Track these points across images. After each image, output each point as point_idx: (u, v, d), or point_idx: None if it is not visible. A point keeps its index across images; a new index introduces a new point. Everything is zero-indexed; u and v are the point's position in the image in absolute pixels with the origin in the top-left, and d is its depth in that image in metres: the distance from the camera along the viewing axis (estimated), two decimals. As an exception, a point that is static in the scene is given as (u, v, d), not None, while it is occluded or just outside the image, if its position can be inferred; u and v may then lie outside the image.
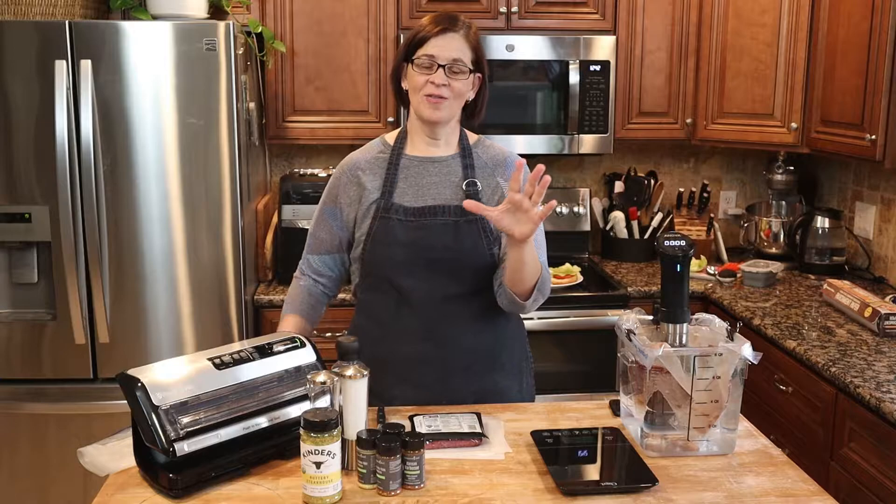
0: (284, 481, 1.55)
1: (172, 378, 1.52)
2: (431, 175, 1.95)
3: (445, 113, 1.91)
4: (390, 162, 1.96)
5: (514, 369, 2.04)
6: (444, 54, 1.87)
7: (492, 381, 1.98)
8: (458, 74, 1.88)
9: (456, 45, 1.88)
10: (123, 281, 2.78)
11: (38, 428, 2.84)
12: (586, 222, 3.63)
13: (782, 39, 3.14)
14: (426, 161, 1.96)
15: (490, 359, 1.98)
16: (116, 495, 1.51)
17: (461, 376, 1.95)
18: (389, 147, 1.99)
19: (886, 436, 2.00)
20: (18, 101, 2.68)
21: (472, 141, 2.02)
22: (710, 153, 3.77)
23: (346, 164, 2.01)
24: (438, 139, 1.97)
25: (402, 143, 1.99)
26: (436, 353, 1.92)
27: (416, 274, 1.90)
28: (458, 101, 1.92)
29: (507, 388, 2.02)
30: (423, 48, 1.88)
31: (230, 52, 2.71)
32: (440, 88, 1.87)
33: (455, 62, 1.87)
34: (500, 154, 2.01)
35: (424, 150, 1.97)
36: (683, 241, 1.65)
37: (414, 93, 1.91)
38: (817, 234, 3.26)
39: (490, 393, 1.97)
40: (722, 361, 1.61)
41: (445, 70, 1.87)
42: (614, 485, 1.53)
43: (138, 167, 2.74)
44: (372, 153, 2.00)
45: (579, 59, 3.23)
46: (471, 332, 1.94)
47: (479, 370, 1.96)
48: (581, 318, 3.04)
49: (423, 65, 1.87)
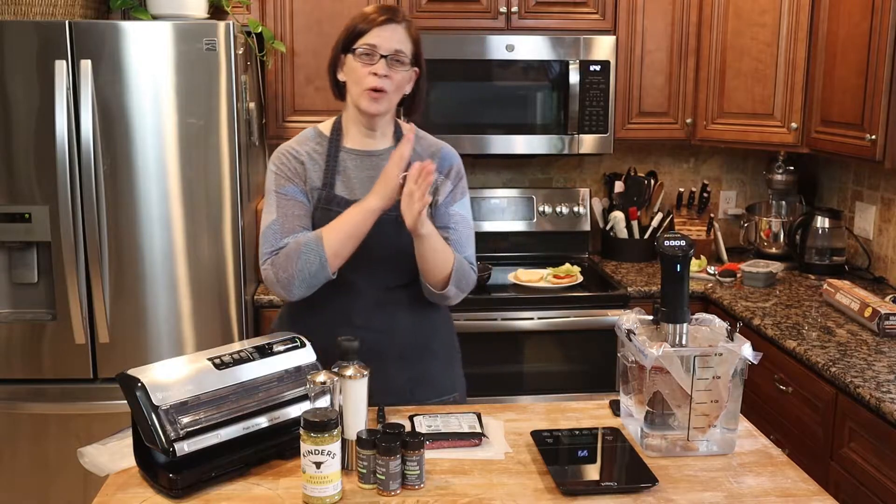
0: (284, 481, 1.55)
1: (172, 378, 1.52)
2: (370, 169, 1.96)
3: (384, 106, 1.91)
4: (329, 154, 1.96)
5: (445, 358, 2.09)
6: (387, 44, 1.86)
7: (425, 368, 2.02)
8: (399, 66, 1.88)
9: (398, 36, 1.88)
10: (123, 281, 2.79)
11: (38, 428, 2.84)
12: (586, 222, 3.63)
13: (782, 39, 3.14)
14: (363, 154, 1.98)
15: (423, 347, 2.02)
16: (116, 495, 1.51)
17: (396, 364, 1.97)
18: (326, 138, 1.98)
19: (886, 436, 2.00)
20: (18, 101, 2.68)
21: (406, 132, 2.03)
22: (710, 153, 3.77)
23: (286, 150, 1.97)
24: (375, 131, 1.98)
25: (339, 134, 1.99)
26: (373, 341, 1.90)
27: (355, 266, 1.90)
28: (397, 94, 1.93)
29: (439, 376, 2.06)
30: (364, 38, 1.87)
31: (230, 52, 2.71)
32: (382, 80, 1.86)
33: (397, 53, 1.87)
34: (434, 145, 2.04)
35: (361, 142, 1.98)
36: (683, 241, 1.65)
37: (354, 84, 1.90)
38: (817, 234, 3.25)
39: (424, 380, 2.02)
40: (722, 361, 1.61)
41: (387, 60, 1.86)
42: (614, 485, 1.53)
43: (138, 167, 2.74)
44: (309, 144, 1.98)
45: (579, 59, 3.23)
46: (406, 321, 1.98)
47: (413, 358, 2.00)
48: (581, 318, 3.04)
49: (364, 54, 1.86)
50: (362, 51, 1.87)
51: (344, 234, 1.83)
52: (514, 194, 3.60)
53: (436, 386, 2.03)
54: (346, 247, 1.84)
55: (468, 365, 2.18)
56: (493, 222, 3.59)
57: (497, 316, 3.01)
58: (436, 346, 2.05)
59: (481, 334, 2.99)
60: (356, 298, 1.95)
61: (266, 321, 3.02)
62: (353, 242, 1.84)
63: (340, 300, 1.95)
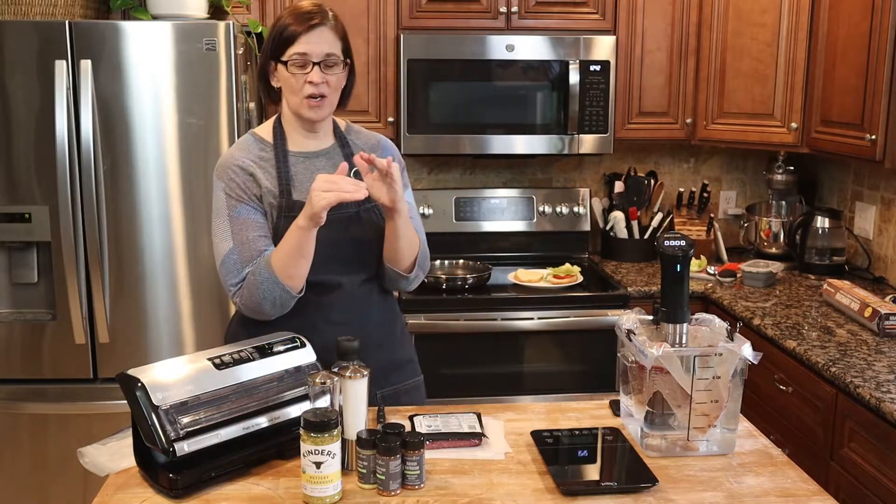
0: (284, 481, 1.55)
1: (172, 378, 1.52)
2: (320, 169, 1.95)
3: (327, 111, 1.92)
4: (277, 160, 1.93)
5: (407, 342, 2.14)
6: (317, 50, 1.84)
7: (396, 355, 2.06)
8: (333, 68, 1.87)
9: (326, 38, 1.86)
10: (123, 281, 2.79)
11: (38, 428, 2.84)
12: (586, 222, 3.63)
13: (782, 39, 3.14)
14: (311, 156, 1.97)
15: (392, 334, 2.06)
16: (116, 495, 1.51)
17: (374, 354, 1.92)
18: (269, 144, 1.96)
19: (886, 436, 2.00)
20: (18, 101, 2.69)
21: (343, 127, 2.05)
22: (710, 153, 3.77)
23: (229, 164, 1.92)
24: (318, 132, 1.98)
25: (282, 139, 1.96)
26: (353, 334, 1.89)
27: (327, 267, 1.90)
28: (336, 95, 1.92)
29: (409, 359, 2.11)
30: (293, 47, 1.85)
31: (230, 52, 2.71)
32: (320, 87, 1.85)
33: (328, 56, 1.86)
34: (372, 138, 2.06)
35: (304, 143, 1.97)
36: (683, 241, 1.65)
37: (292, 94, 1.89)
38: (817, 234, 3.25)
39: (396, 366, 2.05)
40: (722, 361, 1.61)
41: (321, 67, 1.85)
42: (614, 485, 1.53)
43: (138, 167, 2.74)
44: (253, 152, 1.94)
45: (579, 59, 3.23)
46: (376, 311, 2.01)
47: (386, 346, 2.02)
48: (581, 318, 3.04)
49: (296, 64, 1.85)
50: (294, 61, 1.85)
51: (287, 256, 1.81)
52: (514, 194, 3.60)
53: (405, 370, 2.08)
54: (297, 266, 1.82)
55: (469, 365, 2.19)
56: (493, 222, 3.59)
57: (497, 316, 3.01)
58: (398, 333, 2.09)
59: (481, 334, 2.99)
60: (335, 296, 1.94)
61: (266, 321, 3.01)
62: (301, 261, 1.82)
63: (319, 300, 1.94)
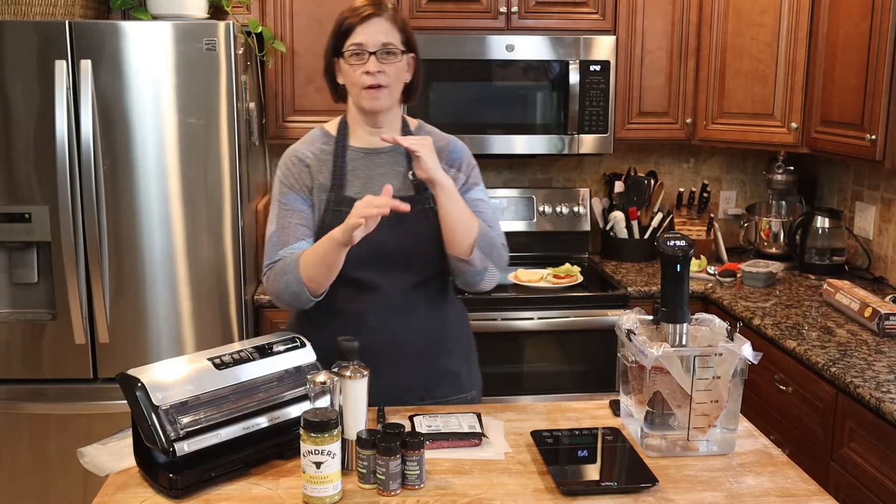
0: (284, 481, 1.55)
1: (172, 378, 1.52)
2: (378, 167, 1.95)
3: (386, 101, 1.90)
4: (336, 154, 1.94)
5: (461, 355, 2.07)
6: (373, 40, 1.85)
7: (441, 366, 2.01)
8: (391, 57, 1.87)
9: (383, 28, 1.86)
10: (123, 281, 2.79)
11: (38, 428, 2.84)
12: (586, 222, 3.63)
13: (782, 39, 3.14)
14: (371, 153, 1.96)
15: (438, 345, 2.00)
16: (116, 495, 1.51)
17: (412, 363, 1.95)
18: (332, 138, 1.97)
19: (886, 436, 2.00)
20: (18, 101, 2.68)
21: (412, 127, 2.03)
22: (710, 153, 3.77)
23: (290, 154, 1.96)
24: (381, 128, 1.96)
25: (345, 133, 1.97)
26: (389, 341, 1.92)
27: (369, 266, 1.89)
28: (396, 86, 1.91)
29: (455, 374, 2.04)
30: (350, 38, 1.86)
31: (230, 52, 2.71)
32: (376, 76, 1.85)
33: (385, 46, 1.86)
34: (442, 139, 2.02)
35: (367, 140, 1.96)
36: (683, 241, 1.65)
37: (352, 86, 1.90)
38: (817, 234, 3.25)
39: (439, 378, 2.00)
40: (722, 361, 1.61)
41: (377, 56, 1.85)
42: (614, 485, 1.53)
43: (138, 167, 2.74)
44: (315, 145, 1.97)
45: (579, 59, 3.23)
46: (421, 320, 1.96)
47: (428, 356, 1.98)
48: (581, 318, 3.04)
49: (353, 55, 1.86)
50: (351, 52, 1.86)
51: (314, 262, 1.82)
52: (514, 194, 3.60)
53: (451, 384, 2.02)
54: (320, 274, 1.82)
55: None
56: (493, 222, 3.58)
57: (497, 316, 3.01)
58: (450, 344, 2.03)
59: (481, 334, 2.94)
60: (373, 301, 1.93)
61: (266, 321, 3.02)
62: (325, 271, 1.82)
63: (357, 303, 1.93)
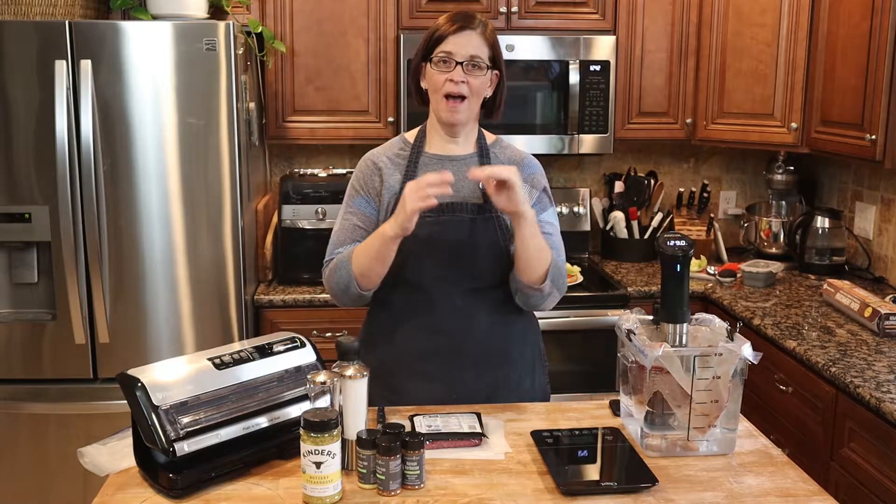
0: (284, 481, 1.55)
1: (172, 378, 1.52)
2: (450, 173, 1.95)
3: (464, 115, 1.92)
4: (410, 159, 1.98)
5: (527, 365, 2.06)
6: (462, 51, 1.88)
7: (503, 375, 2.00)
8: (476, 71, 1.90)
9: (474, 42, 1.89)
10: (123, 281, 2.79)
11: (38, 428, 2.84)
12: (586, 222, 3.63)
13: (782, 39, 3.14)
14: (444, 159, 1.98)
15: (502, 354, 2.00)
16: (116, 495, 1.51)
17: (473, 370, 1.96)
18: (409, 144, 2.01)
19: (886, 436, 2.00)
20: (18, 101, 2.68)
21: (489, 141, 2.04)
22: (710, 153, 3.77)
23: (368, 157, 2.03)
24: (457, 137, 1.99)
25: (422, 141, 2.01)
26: (449, 347, 1.94)
27: (432, 270, 1.92)
28: (476, 100, 1.93)
29: (518, 383, 2.03)
30: (440, 46, 1.90)
31: (230, 52, 2.71)
32: (459, 86, 1.88)
33: (472, 58, 1.89)
34: (517, 155, 2.04)
35: (443, 147, 1.99)
36: (683, 241, 1.65)
37: (434, 92, 1.93)
38: (817, 234, 3.25)
39: (501, 387, 1.99)
40: (722, 361, 1.61)
41: (463, 67, 1.88)
42: (614, 485, 1.53)
43: (138, 167, 2.74)
44: (393, 150, 2.02)
45: (579, 59, 3.23)
46: (484, 326, 1.96)
47: (490, 364, 1.98)
48: (581, 318, 3.04)
49: (441, 61, 1.89)
50: (439, 58, 1.89)
51: (366, 257, 1.86)
52: (514, 194, 3.59)
53: (513, 393, 2.00)
54: (372, 269, 1.86)
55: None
56: (493, 222, 3.58)
57: (497, 316, 3.01)
58: (515, 353, 2.02)
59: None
60: (434, 302, 1.94)
61: (266, 321, 3.02)
62: (377, 265, 1.85)
63: (418, 304, 1.95)
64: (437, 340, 1.94)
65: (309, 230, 3.11)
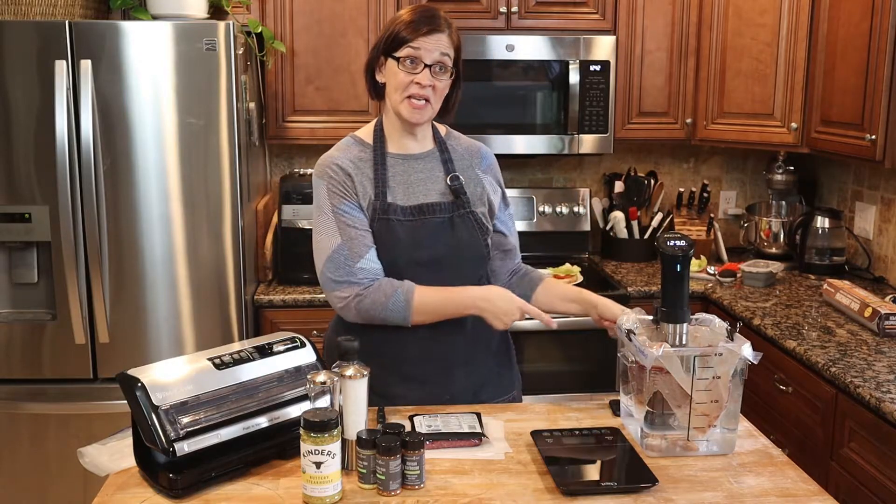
0: (284, 481, 1.55)
1: (172, 378, 1.52)
2: (417, 172, 1.96)
3: (427, 115, 1.91)
4: (376, 162, 1.94)
5: (504, 356, 2.09)
6: (430, 55, 1.85)
7: (489, 369, 2.02)
8: (442, 74, 1.88)
9: (442, 44, 1.87)
10: (123, 281, 2.79)
11: (38, 428, 2.84)
12: (586, 222, 3.63)
13: (782, 39, 3.14)
14: (409, 158, 1.97)
15: (486, 349, 2.02)
16: (116, 495, 1.51)
17: (463, 368, 1.97)
18: (368, 146, 1.96)
19: (886, 436, 2.00)
20: (18, 101, 2.68)
21: (443, 133, 2.04)
22: (710, 153, 3.77)
23: (331, 163, 1.93)
24: (416, 134, 1.98)
25: (382, 141, 1.96)
26: (438, 348, 1.94)
27: (417, 272, 1.90)
28: (438, 101, 1.92)
29: (504, 376, 2.07)
30: (409, 45, 1.85)
31: (230, 52, 2.71)
32: (425, 89, 1.86)
33: (440, 62, 1.87)
34: (472, 145, 2.07)
35: (403, 146, 1.97)
36: (683, 241, 1.65)
37: (395, 91, 1.89)
38: (817, 234, 3.25)
39: (490, 381, 2.02)
40: (722, 361, 1.61)
41: (431, 70, 1.86)
42: (614, 485, 1.53)
43: (138, 167, 2.74)
44: (352, 153, 1.95)
45: (579, 59, 3.23)
46: (469, 323, 1.96)
47: (478, 360, 2.00)
48: (581, 318, 3.00)
49: (408, 61, 1.86)
50: (406, 58, 1.85)
51: (435, 312, 1.88)
52: (514, 194, 3.60)
53: (496, 386, 2.04)
54: (433, 315, 1.88)
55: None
56: (493, 222, 3.59)
57: (497, 316, 3.01)
58: (494, 347, 2.04)
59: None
60: None
61: (266, 321, 3.02)
62: (437, 318, 1.89)
63: None
64: (426, 343, 1.92)
65: (309, 230, 3.07)
